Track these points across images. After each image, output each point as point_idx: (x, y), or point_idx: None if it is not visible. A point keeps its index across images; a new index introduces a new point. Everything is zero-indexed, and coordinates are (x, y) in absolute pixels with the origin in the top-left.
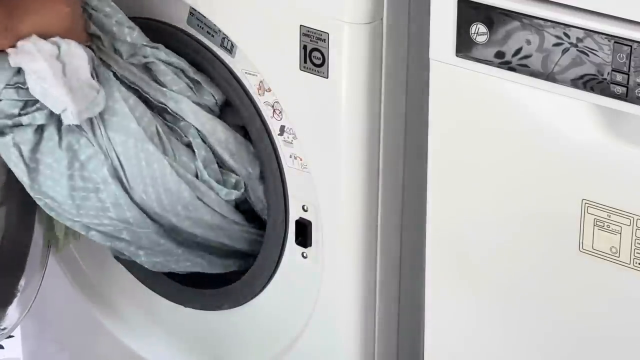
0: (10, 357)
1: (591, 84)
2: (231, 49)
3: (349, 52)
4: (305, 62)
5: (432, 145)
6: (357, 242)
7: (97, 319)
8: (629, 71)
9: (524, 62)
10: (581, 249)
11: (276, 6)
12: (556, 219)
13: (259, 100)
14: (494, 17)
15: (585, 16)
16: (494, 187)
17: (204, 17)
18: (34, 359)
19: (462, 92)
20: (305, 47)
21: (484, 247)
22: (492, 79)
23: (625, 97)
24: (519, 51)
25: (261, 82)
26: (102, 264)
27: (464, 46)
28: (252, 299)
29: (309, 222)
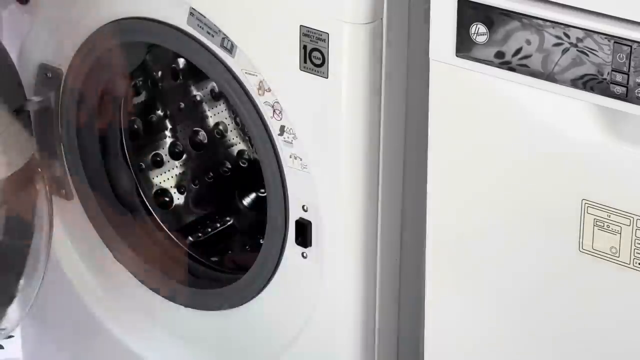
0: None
1: (591, 84)
2: (231, 49)
3: (349, 52)
4: (305, 62)
5: (432, 144)
6: (357, 242)
7: (97, 319)
8: (629, 71)
9: (524, 62)
10: (581, 249)
11: (276, 6)
12: (556, 219)
13: (259, 100)
14: (494, 17)
15: (585, 16)
16: (493, 186)
17: (204, 17)
18: (34, 359)
19: (462, 92)
20: (305, 47)
21: (484, 247)
22: (492, 79)
23: (625, 97)
24: (519, 51)
25: (261, 82)
26: (102, 264)
27: (464, 46)
28: (252, 299)
29: (309, 222)
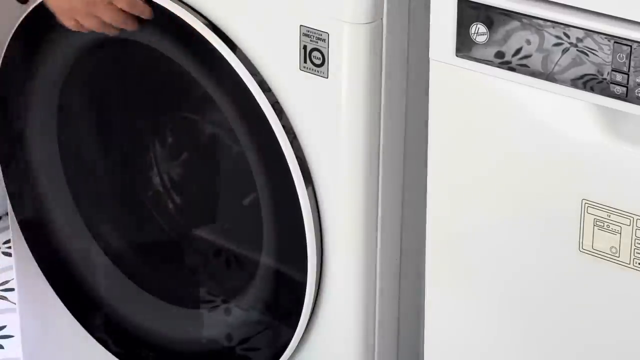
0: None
1: (591, 84)
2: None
3: (349, 52)
4: (305, 62)
5: (432, 145)
6: (357, 242)
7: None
8: (629, 71)
9: (524, 62)
10: (581, 249)
11: (276, 6)
12: (556, 219)
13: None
14: (494, 17)
15: (585, 16)
16: (493, 187)
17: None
18: (34, 359)
19: (462, 92)
20: (305, 47)
21: (484, 247)
22: (492, 79)
23: (625, 97)
24: (519, 51)
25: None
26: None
27: (464, 46)
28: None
29: None
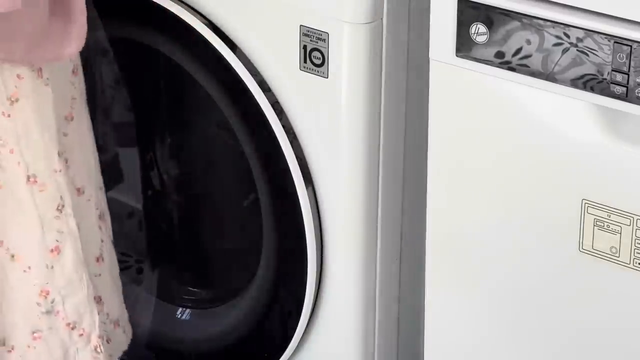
0: None
1: (591, 84)
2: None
3: (349, 52)
4: (305, 62)
5: (432, 145)
6: (357, 242)
7: None
8: (629, 71)
9: (524, 62)
10: (581, 249)
11: (276, 6)
12: (556, 219)
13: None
14: (494, 17)
15: (585, 16)
16: (493, 186)
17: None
18: None
19: (462, 92)
20: (305, 47)
21: (484, 247)
22: (492, 79)
23: (625, 97)
24: (519, 51)
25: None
26: None
27: (464, 46)
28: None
29: None
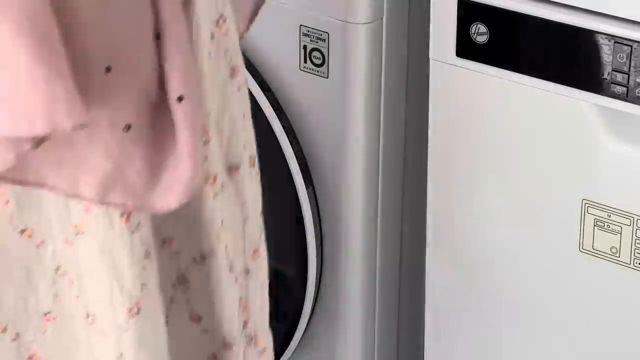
0: None
1: (591, 83)
2: None
3: (349, 52)
4: (305, 62)
5: (432, 145)
6: (357, 242)
7: None
8: (629, 71)
9: (524, 62)
10: (581, 249)
11: (276, 6)
12: (556, 219)
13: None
14: (494, 17)
15: (585, 16)
16: (493, 187)
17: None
18: None
19: (462, 92)
20: (305, 47)
21: (484, 247)
22: (492, 79)
23: (625, 97)
24: (519, 51)
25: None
26: None
27: (464, 46)
28: None
29: None
